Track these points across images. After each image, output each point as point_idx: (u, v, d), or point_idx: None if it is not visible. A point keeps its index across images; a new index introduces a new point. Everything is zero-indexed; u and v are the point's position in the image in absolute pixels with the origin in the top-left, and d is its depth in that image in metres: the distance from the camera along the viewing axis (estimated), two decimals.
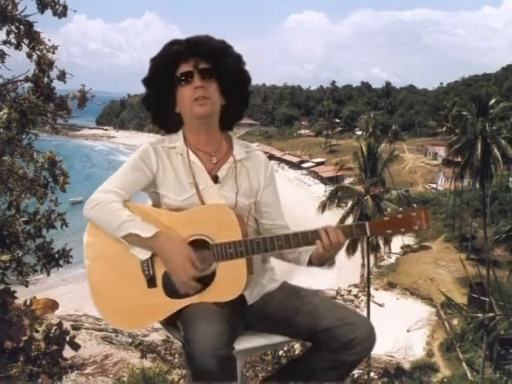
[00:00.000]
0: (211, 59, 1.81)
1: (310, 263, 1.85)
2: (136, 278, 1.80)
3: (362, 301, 33.44)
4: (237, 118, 1.96)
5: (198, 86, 1.79)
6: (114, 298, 1.83)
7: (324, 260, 1.81)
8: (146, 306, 1.80)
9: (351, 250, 26.71)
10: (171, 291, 1.77)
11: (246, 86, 1.92)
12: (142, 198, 1.94)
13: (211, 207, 1.80)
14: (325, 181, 63.00)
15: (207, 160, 1.88)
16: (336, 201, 30.00)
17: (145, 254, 1.77)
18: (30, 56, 4.89)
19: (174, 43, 1.85)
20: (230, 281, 1.76)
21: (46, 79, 4.89)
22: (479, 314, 4.66)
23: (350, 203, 29.59)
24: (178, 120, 1.89)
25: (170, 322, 1.84)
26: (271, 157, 68.48)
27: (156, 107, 1.91)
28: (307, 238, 1.77)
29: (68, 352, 3.77)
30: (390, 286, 36.25)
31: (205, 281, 1.76)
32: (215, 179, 1.86)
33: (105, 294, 1.84)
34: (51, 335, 3.67)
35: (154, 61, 1.86)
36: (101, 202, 1.78)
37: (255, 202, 1.92)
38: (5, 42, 4.77)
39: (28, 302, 3.60)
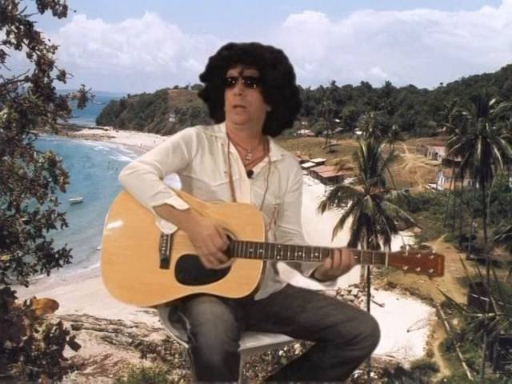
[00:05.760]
0: (258, 68, 1.87)
1: (312, 277, 1.87)
2: (150, 255, 1.80)
3: (361, 301, 33.44)
4: (283, 125, 2.02)
5: (237, 93, 1.87)
6: (123, 270, 1.82)
7: (326, 277, 1.83)
8: (152, 285, 1.79)
9: None
10: (182, 276, 1.77)
11: (292, 97, 1.95)
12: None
13: (244, 206, 1.85)
14: (325, 181, 62.98)
15: (244, 155, 1.95)
16: (336, 201, 30.05)
17: (170, 229, 1.79)
18: (30, 56, 4.89)
19: (227, 47, 1.92)
20: (242, 279, 1.76)
21: (46, 79, 4.89)
22: (479, 314, 4.66)
23: (350, 203, 29.62)
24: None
25: (172, 320, 1.84)
26: None
27: (209, 101, 2.01)
28: (327, 254, 1.78)
29: (68, 352, 3.76)
30: (390, 286, 36.25)
31: (217, 274, 1.76)
32: (249, 174, 1.92)
33: (114, 264, 1.83)
34: (51, 335, 3.67)
35: (209, 60, 1.95)
36: (139, 170, 1.81)
37: (280, 203, 1.97)
38: (5, 42, 4.77)
39: (28, 302, 3.59)
